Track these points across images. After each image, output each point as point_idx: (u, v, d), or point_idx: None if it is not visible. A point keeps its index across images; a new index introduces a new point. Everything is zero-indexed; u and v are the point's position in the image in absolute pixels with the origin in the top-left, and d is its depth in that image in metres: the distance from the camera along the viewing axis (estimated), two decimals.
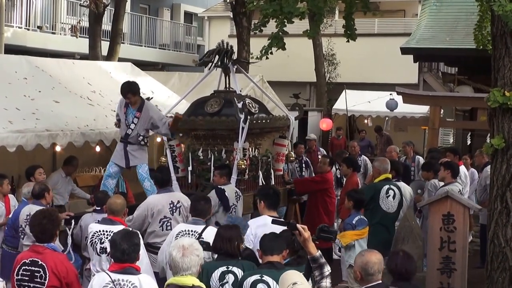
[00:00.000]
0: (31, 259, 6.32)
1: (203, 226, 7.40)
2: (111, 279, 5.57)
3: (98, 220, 7.95)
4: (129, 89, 9.96)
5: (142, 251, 6.93)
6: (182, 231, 7.49)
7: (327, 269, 5.31)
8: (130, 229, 6.39)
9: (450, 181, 10.25)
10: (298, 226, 5.33)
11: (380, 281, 5.52)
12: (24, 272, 6.30)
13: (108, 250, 7.09)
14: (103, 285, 5.57)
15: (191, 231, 7.42)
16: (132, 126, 9.88)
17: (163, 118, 10.07)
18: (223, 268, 6.33)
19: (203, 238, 7.19)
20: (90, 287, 5.74)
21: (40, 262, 6.27)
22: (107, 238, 7.26)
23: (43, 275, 6.22)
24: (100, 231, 7.46)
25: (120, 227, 7.17)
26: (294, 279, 4.89)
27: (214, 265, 6.41)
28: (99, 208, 8.76)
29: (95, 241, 7.42)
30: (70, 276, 6.34)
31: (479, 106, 16.85)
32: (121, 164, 10.08)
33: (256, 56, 11.70)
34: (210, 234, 7.18)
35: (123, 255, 5.63)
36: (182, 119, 10.12)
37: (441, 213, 8.88)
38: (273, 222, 6.25)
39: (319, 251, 5.34)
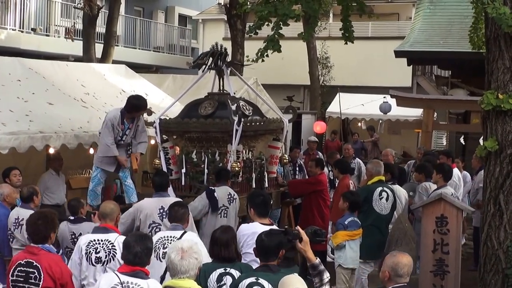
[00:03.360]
0: (26, 260, 6.30)
1: (181, 232, 7.29)
2: (120, 280, 5.49)
3: (73, 231, 7.91)
4: (145, 104, 10.30)
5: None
6: (162, 238, 7.40)
7: (326, 276, 5.30)
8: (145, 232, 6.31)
9: (442, 184, 10.25)
10: (300, 232, 5.34)
11: (406, 284, 5.44)
12: (19, 273, 6.28)
13: (104, 259, 7.03)
14: (111, 285, 5.50)
15: (170, 237, 7.30)
16: (124, 137, 10.17)
17: (143, 138, 10.40)
18: (221, 270, 6.32)
19: None
20: (97, 285, 5.67)
21: (35, 263, 6.25)
22: (102, 247, 7.08)
23: (38, 276, 6.20)
24: (95, 240, 7.19)
25: (114, 235, 7.12)
26: (295, 285, 4.90)
27: (212, 266, 6.38)
28: (73, 218, 8.50)
29: (90, 251, 7.13)
30: (64, 277, 6.33)
31: (472, 109, 16.91)
32: (111, 170, 10.29)
33: (251, 59, 11.72)
34: (187, 240, 7.15)
35: (135, 258, 5.56)
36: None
37: (434, 216, 8.90)
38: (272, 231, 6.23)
39: (318, 258, 5.33)
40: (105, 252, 7.06)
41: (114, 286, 5.49)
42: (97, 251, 7.11)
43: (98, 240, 7.16)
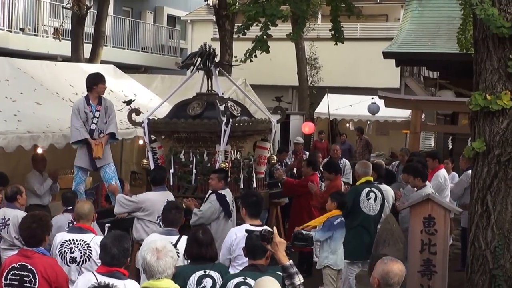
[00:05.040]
0: (20, 263, 6.23)
1: (177, 236, 7.28)
2: (97, 280, 5.47)
3: (67, 228, 7.86)
4: (101, 78, 10.48)
5: None
6: None
7: (299, 279, 5.16)
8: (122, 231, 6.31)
9: (422, 185, 10.28)
10: (274, 236, 5.24)
11: None
12: (13, 277, 6.20)
13: (79, 260, 7.03)
14: (88, 285, 5.43)
15: None
16: (95, 120, 10.27)
17: (112, 118, 10.51)
18: (201, 272, 6.28)
19: (177, 249, 7.12)
20: (75, 285, 5.70)
21: (29, 267, 6.19)
22: (77, 247, 7.08)
23: (33, 279, 6.15)
24: (69, 240, 7.16)
25: (90, 236, 7.11)
26: (268, 287, 4.89)
27: (191, 269, 6.35)
28: (70, 207, 8.53)
29: (65, 251, 7.11)
30: (60, 281, 6.28)
31: (460, 110, 16.96)
32: (89, 168, 10.38)
33: (239, 59, 11.73)
34: (185, 244, 7.15)
35: (113, 259, 5.57)
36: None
37: (422, 216, 8.91)
38: (247, 231, 6.14)
39: (291, 260, 5.23)
40: (80, 253, 7.07)
41: (91, 287, 5.48)
42: (72, 251, 7.10)
43: (73, 240, 7.15)
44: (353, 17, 13.31)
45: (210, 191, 9.48)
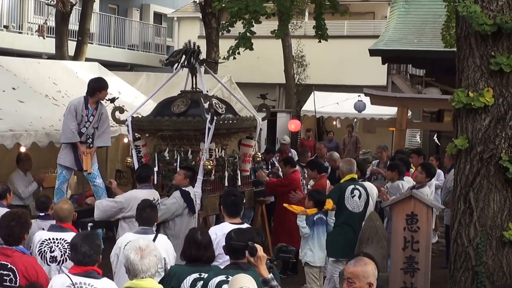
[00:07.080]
0: None
1: (153, 235, 7.17)
2: (72, 281, 5.38)
3: (43, 228, 7.69)
4: (106, 84, 10.42)
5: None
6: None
7: None
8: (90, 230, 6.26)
9: (424, 182, 10.33)
10: (258, 250, 5.28)
11: None
12: None
13: (59, 259, 6.98)
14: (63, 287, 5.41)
15: None
16: (88, 124, 10.22)
17: (106, 128, 10.48)
18: (196, 275, 6.21)
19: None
20: None
21: (9, 266, 6.15)
22: (57, 246, 7.02)
23: (13, 278, 6.11)
24: (49, 239, 7.09)
25: (71, 234, 6.92)
26: (241, 283, 4.90)
27: (187, 270, 6.30)
28: (43, 214, 8.21)
29: (45, 250, 7.04)
30: (40, 279, 6.20)
31: (445, 108, 16.97)
32: (73, 167, 10.34)
33: (223, 56, 11.70)
34: (161, 242, 7.07)
35: (84, 257, 5.45)
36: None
37: (404, 213, 8.91)
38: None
39: (271, 274, 5.27)
40: (60, 252, 7.02)
41: None
42: (52, 250, 7.05)
43: (53, 238, 7.09)
44: (338, 15, 13.33)
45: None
